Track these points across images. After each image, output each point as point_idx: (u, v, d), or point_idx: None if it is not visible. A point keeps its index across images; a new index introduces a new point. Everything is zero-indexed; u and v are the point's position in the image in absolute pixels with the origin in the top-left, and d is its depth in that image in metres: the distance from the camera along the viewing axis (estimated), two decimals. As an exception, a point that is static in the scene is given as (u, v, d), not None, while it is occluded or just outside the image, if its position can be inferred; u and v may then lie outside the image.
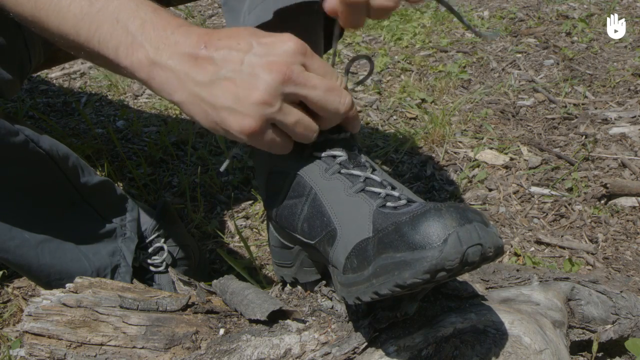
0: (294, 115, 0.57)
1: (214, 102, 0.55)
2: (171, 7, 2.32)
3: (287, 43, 0.56)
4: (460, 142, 1.50)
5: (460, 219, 0.52)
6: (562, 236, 1.18)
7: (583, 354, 0.85)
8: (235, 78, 0.55)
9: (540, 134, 1.52)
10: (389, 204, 0.61)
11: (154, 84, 0.57)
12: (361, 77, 0.68)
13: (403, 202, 0.61)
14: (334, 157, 0.67)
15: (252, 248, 1.16)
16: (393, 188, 0.65)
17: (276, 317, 0.68)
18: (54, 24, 0.60)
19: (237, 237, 1.20)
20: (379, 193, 0.62)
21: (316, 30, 0.76)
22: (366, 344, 0.65)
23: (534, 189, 1.31)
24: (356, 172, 0.65)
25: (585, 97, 1.69)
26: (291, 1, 0.65)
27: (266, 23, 0.66)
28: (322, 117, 0.60)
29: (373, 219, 0.59)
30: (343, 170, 0.65)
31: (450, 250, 0.50)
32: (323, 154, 0.67)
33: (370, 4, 0.60)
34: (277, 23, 0.66)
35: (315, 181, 0.66)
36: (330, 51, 0.71)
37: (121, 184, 1.33)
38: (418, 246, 0.51)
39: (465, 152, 1.46)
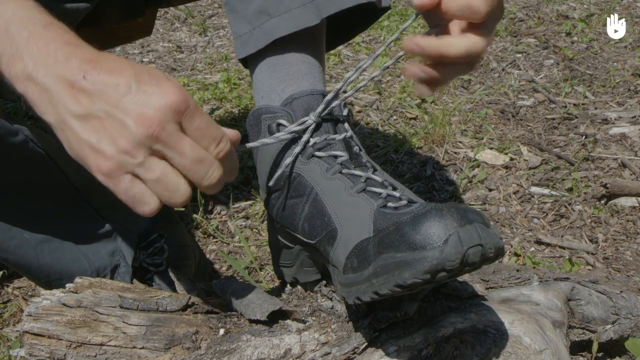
0: (155, 172, 0.53)
1: (79, 134, 0.53)
2: (171, 7, 2.33)
3: (167, 97, 0.52)
4: (460, 142, 1.50)
5: (461, 220, 0.52)
6: (562, 236, 1.18)
7: (583, 354, 0.85)
8: (105, 119, 0.52)
9: (540, 134, 1.52)
10: (390, 204, 0.61)
11: (29, 98, 0.54)
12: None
13: (404, 202, 0.61)
14: (335, 157, 0.67)
15: (252, 248, 1.16)
16: (394, 188, 0.65)
17: (276, 317, 0.68)
18: None
19: (237, 237, 1.20)
20: (380, 193, 0.62)
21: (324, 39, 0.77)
22: (366, 344, 0.65)
23: (534, 189, 1.31)
24: (357, 172, 0.65)
25: (585, 97, 1.69)
26: (341, 5, 0.65)
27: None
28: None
29: (374, 219, 0.59)
30: (344, 170, 0.65)
31: (450, 250, 0.50)
32: (324, 154, 0.67)
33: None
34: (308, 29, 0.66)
35: (317, 181, 0.66)
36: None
37: (121, 184, 1.32)
38: (419, 246, 0.51)
39: (465, 152, 1.46)
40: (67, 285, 0.71)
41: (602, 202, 1.26)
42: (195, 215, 1.24)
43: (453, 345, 0.65)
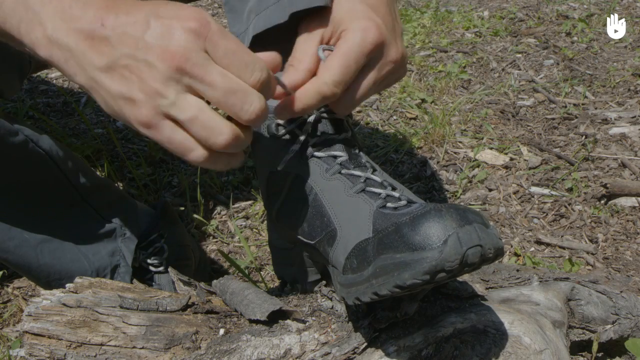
0: (189, 110, 0.50)
1: (111, 89, 0.51)
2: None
3: (185, 23, 0.49)
4: (460, 142, 1.50)
5: (460, 220, 0.52)
6: (562, 236, 1.18)
7: (583, 354, 0.85)
8: (130, 64, 0.49)
9: (540, 134, 1.52)
10: (389, 204, 0.61)
11: (55, 63, 0.52)
12: None
13: (403, 202, 0.61)
14: (335, 157, 0.67)
15: (252, 248, 1.16)
16: (393, 189, 0.65)
17: (276, 317, 0.68)
18: None
19: (237, 237, 1.20)
20: (380, 194, 0.62)
21: None
22: (366, 344, 0.65)
23: (534, 189, 1.31)
24: (357, 172, 0.65)
25: (585, 97, 1.69)
26: (310, 4, 0.62)
27: (279, 25, 0.64)
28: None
29: (373, 220, 0.59)
30: (344, 171, 0.65)
31: (450, 251, 0.50)
32: (324, 154, 0.67)
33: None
34: (290, 26, 0.64)
35: (316, 181, 0.66)
36: None
37: (121, 184, 1.33)
38: (418, 247, 0.51)
39: (465, 152, 1.46)
40: (67, 285, 0.71)
41: (602, 202, 1.26)
42: (195, 215, 1.24)
43: (453, 345, 0.65)
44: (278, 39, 0.66)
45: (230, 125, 0.51)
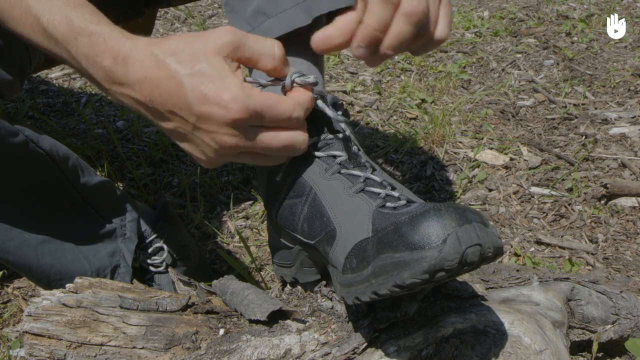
0: (260, 142, 0.57)
1: (180, 144, 0.59)
2: (171, 7, 2.33)
3: (228, 114, 0.54)
4: (460, 142, 1.50)
5: (460, 219, 0.52)
6: (562, 236, 1.18)
7: (583, 354, 0.85)
8: (186, 124, 0.55)
9: (540, 134, 1.52)
10: (388, 204, 0.61)
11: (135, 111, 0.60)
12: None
13: (403, 202, 0.61)
14: (334, 157, 0.67)
15: (252, 248, 1.16)
16: (393, 188, 0.65)
17: (276, 317, 0.68)
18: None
19: (237, 238, 1.20)
20: (379, 193, 0.62)
21: None
22: (366, 344, 0.65)
23: (534, 189, 1.31)
24: (356, 172, 0.65)
25: (585, 97, 1.69)
26: (333, 6, 0.64)
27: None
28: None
29: (372, 219, 0.59)
30: (343, 171, 0.65)
31: (449, 250, 0.50)
32: (323, 154, 0.67)
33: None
34: (306, 28, 0.66)
35: (316, 181, 0.66)
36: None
37: (121, 184, 1.33)
38: (417, 246, 0.51)
39: (465, 152, 1.46)
40: (67, 285, 0.71)
41: (602, 202, 1.26)
42: (195, 215, 1.24)
43: (453, 345, 0.65)
44: None
45: (302, 134, 0.59)
